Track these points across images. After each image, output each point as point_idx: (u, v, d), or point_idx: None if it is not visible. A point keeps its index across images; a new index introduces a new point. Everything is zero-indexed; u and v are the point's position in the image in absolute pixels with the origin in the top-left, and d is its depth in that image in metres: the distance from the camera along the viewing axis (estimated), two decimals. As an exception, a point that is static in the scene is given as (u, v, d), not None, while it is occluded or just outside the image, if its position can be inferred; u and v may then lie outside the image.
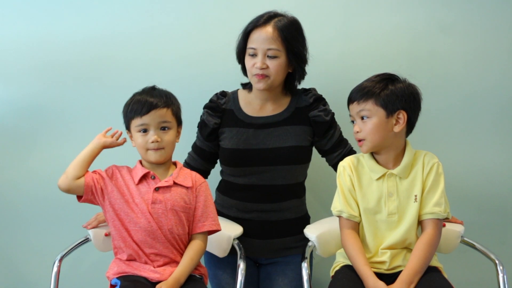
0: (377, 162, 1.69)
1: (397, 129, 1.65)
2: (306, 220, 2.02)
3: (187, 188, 1.70)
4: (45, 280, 1.81)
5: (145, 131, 1.65)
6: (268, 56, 1.84)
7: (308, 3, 2.25)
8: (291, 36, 1.85)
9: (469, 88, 2.24)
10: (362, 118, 1.65)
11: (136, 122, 1.65)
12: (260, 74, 1.84)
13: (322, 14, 2.25)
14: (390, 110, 1.64)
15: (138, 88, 1.72)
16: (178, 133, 1.73)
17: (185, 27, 2.28)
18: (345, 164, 1.74)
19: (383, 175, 1.67)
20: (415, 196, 1.65)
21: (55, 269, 1.76)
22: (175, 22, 2.28)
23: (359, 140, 1.67)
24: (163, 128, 1.67)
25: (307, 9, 2.24)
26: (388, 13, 2.25)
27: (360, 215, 1.69)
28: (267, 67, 1.84)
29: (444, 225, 1.79)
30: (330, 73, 2.21)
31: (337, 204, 1.71)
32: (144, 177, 1.68)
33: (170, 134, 1.67)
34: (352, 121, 1.70)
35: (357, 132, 1.66)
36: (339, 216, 1.71)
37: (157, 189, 1.66)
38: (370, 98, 1.64)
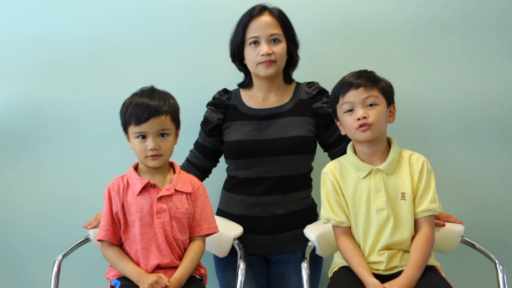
0: (362, 160, 1.69)
1: (391, 120, 1.69)
2: (313, 208, 2.01)
3: (187, 193, 1.70)
4: (45, 280, 1.81)
5: (143, 137, 1.64)
6: (271, 42, 1.88)
7: (309, 2, 2.25)
8: (287, 22, 1.93)
9: (469, 87, 2.24)
10: (369, 105, 1.62)
11: (134, 129, 1.63)
12: (268, 60, 1.86)
13: (323, 13, 2.25)
14: (388, 101, 1.67)
15: (138, 88, 1.71)
16: (177, 135, 1.72)
17: (184, 27, 2.28)
18: (327, 170, 1.73)
19: (370, 172, 1.66)
20: (402, 193, 1.64)
21: (55, 269, 1.76)
22: (174, 22, 2.28)
23: (364, 125, 1.61)
24: (162, 135, 1.65)
25: (308, 8, 2.24)
26: (388, 13, 2.25)
27: (348, 219, 1.69)
28: (273, 52, 1.86)
29: (443, 225, 1.79)
30: (330, 71, 2.20)
31: (324, 212, 1.72)
32: (144, 187, 1.66)
33: (169, 141, 1.66)
34: (349, 110, 1.65)
35: (365, 117, 1.61)
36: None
37: (159, 198, 1.65)
38: (376, 85, 1.64)
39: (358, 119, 1.61)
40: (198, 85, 2.24)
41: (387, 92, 1.67)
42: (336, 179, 1.70)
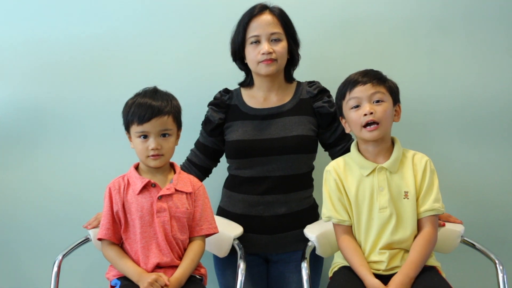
0: (366, 158, 1.69)
1: (396, 119, 1.69)
2: (314, 209, 2.01)
3: (187, 193, 1.71)
4: (45, 280, 1.81)
5: (145, 137, 1.65)
6: (272, 41, 1.88)
7: (310, 1, 2.25)
8: (287, 20, 1.93)
9: (468, 88, 2.24)
10: (376, 101, 1.63)
11: (136, 129, 1.64)
12: (268, 59, 1.86)
13: (323, 13, 2.26)
14: (394, 99, 1.67)
15: (139, 88, 1.72)
16: (178, 136, 1.73)
17: (185, 27, 2.28)
18: (330, 168, 1.73)
19: (373, 170, 1.67)
20: (406, 192, 1.65)
21: (55, 269, 1.77)
22: (175, 22, 2.28)
23: (371, 124, 1.61)
24: (164, 135, 1.66)
25: (309, 7, 2.25)
26: (388, 13, 2.25)
27: (350, 217, 1.69)
28: (273, 51, 1.87)
29: (444, 225, 1.79)
30: (331, 71, 2.20)
31: (325, 211, 1.72)
32: (144, 187, 1.67)
33: (170, 141, 1.67)
34: (356, 106, 1.65)
35: (371, 113, 1.60)
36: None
37: (160, 197, 1.66)
38: (383, 83, 1.65)
39: (365, 114, 1.62)
40: (199, 85, 2.24)
41: (394, 91, 1.68)
42: (340, 177, 1.70)
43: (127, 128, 1.69)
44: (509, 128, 2.24)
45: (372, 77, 1.65)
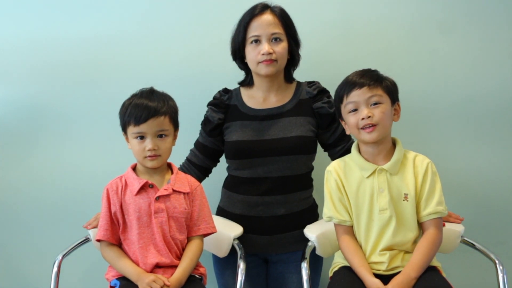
0: (366, 159, 1.69)
1: (396, 118, 1.69)
2: (313, 209, 2.01)
3: (185, 193, 1.71)
4: (45, 280, 1.81)
5: (142, 137, 1.65)
6: (272, 41, 1.87)
7: (310, 4, 2.25)
8: (288, 20, 1.93)
9: (469, 88, 2.24)
10: (374, 104, 1.62)
11: (133, 129, 1.64)
12: (268, 59, 1.86)
13: (324, 12, 2.26)
14: (392, 99, 1.67)
15: (138, 88, 1.72)
16: (175, 136, 1.73)
17: (184, 27, 2.28)
18: (331, 168, 1.73)
19: (374, 172, 1.66)
20: (405, 194, 1.64)
21: (55, 269, 1.77)
22: (174, 22, 2.29)
23: (369, 126, 1.62)
24: (160, 136, 1.66)
25: (309, 7, 2.24)
26: (388, 14, 2.25)
27: (351, 218, 1.69)
28: (274, 51, 1.86)
29: (443, 225, 1.79)
30: (331, 71, 2.20)
31: (326, 211, 1.72)
32: (142, 187, 1.67)
33: (167, 142, 1.67)
34: (354, 110, 1.65)
35: (369, 116, 1.61)
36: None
37: (157, 198, 1.66)
38: (380, 84, 1.64)
39: (363, 118, 1.62)
40: (198, 85, 2.25)
41: (391, 91, 1.66)
42: (340, 178, 1.70)
43: (124, 129, 1.69)
44: (509, 128, 2.24)
45: (369, 79, 1.64)
